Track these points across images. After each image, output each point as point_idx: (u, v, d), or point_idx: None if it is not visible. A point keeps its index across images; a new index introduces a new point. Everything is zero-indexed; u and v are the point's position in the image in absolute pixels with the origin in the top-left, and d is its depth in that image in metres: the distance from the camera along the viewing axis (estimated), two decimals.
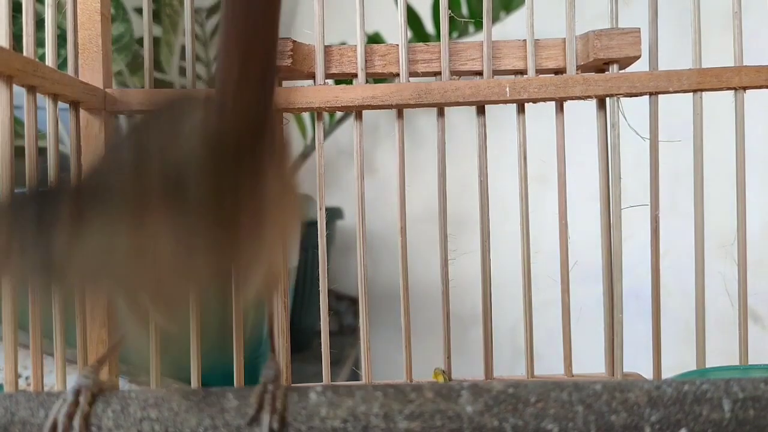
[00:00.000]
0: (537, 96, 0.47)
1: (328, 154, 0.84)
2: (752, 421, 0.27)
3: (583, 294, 0.61)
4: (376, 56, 0.49)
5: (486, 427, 0.27)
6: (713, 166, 0.52)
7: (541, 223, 0.52)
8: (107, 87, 0.47)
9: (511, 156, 0.51)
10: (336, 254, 0.95)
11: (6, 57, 0.36)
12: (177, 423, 0.28)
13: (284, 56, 0.47)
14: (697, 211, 0.47)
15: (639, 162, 0.51)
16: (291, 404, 0.28)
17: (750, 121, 0.47)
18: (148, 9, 0.48)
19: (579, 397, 0.27)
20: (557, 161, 0.49)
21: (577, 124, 0.54)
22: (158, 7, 0.81)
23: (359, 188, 0.49)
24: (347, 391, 0.28)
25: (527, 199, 0.49)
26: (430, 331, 0.61)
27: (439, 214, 0.49)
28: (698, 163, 0.47)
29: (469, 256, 0.50)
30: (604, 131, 0.49)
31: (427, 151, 0.93)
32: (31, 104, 0.39)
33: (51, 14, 0.42)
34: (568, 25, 0.48)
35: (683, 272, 0.52)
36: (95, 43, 0.46)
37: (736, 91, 0.47)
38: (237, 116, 0.19)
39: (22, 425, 0.28)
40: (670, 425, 0.27)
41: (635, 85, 0.46)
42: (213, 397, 0.28)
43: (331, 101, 0.47)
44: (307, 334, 0.86)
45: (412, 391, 0.28)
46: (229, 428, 0.27)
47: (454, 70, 0.49)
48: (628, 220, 0.48)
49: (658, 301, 0.47)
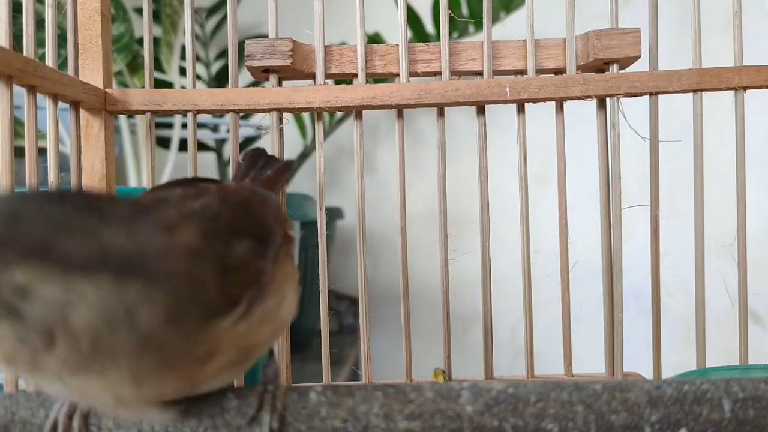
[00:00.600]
0: (537, 96, 0.47)
1: (328, 154, 0.85)
2: (752, 421, 0.27)
3: (583, 294, 0.61)
4: (376, 56, 0.49)
5: (486, 427, 0.27)
6: (713, 166, 0.52)
7: (541, 223, 0.52)
8: (107, 87, 0.47)
9: (511, 156, 0.51)
10: (336, 254, 0.95)
11: (6, 57, 0.36)
12: (177, 423, 0.28)
13: (284, 56, 0.47)
14: (697, 211, 0.47)
15: (639, 162, 0.51)
16: (291, 404, 0.28)
17: (750, 121, 0.47)
18: (148, 9, 0.48)
19: (579, 397, 0.27)
20: (557, 161, 0.49)
21: (577, 124, 0.54)
22: (158, 7, 0.81)
23: (359, 188, 0.48)
24: (347, 391, 0.28)
25: (527, 199, 0.49)
26: (430, 331, 0.61)
27: (440, 214, 0.49)
28: (698, 163, 0.47)
29: (469, 256, 0.50)
30: (604, 131, 0.49)
31: (427, 151, 0.93)
32: (31, 104, 0.39)
33: (51, 14, 0.42)
34: (568, 25, 0.48)
35: (683, 272, 0.52)
36: (95, 43, 0.46)
37: (736, 91, 0.47)
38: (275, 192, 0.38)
39: (22, 425, 0.28)
40: (670, 425, 0.27)
41: (635, 85, 0.46)
42: (213, 397, 0.28)
43: (331, 101, 0.47)
44: (307, 334, 0.86)
45: (412, 391, 0.28)
46: (229, 428, 0.27)
47: (454, 70, 0.49)
48: (628, 220, 0.48)
49: (658, 301, 0.47)
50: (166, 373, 0.23)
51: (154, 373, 0.23)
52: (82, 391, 0.23)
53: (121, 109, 0.47)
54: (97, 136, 0.46)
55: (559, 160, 0.49)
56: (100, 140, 0.46)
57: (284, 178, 0.42)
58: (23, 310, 0.21)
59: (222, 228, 0.26)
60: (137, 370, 0.23)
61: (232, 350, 0.25)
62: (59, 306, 0.21)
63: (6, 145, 0.37)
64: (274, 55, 0.47)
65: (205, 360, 0.24)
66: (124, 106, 0.47)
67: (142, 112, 0.48)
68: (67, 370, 0.22)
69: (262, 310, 0.26)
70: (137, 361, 0.22)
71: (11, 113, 0.37)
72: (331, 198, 0.94)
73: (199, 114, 0.48)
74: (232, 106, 0.47)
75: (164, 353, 0.23)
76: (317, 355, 0.49)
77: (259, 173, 0.41)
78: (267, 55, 0.47)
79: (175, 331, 0.23)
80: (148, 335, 0.22)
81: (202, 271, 0.24)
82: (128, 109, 0.47)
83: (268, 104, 0.47)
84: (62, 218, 0.22)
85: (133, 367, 0.22)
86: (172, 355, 0.23)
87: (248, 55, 0.48)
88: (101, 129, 0.46)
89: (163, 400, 0.26)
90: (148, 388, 0.23)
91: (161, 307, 0.22)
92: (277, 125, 0.48)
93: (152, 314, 0.22)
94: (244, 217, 0.29)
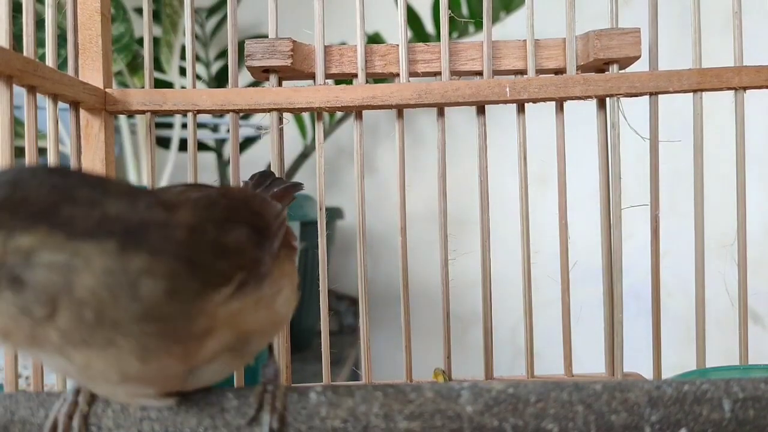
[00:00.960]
0: (537, 96, 0.47)
1: (328, 154, 0.85)
2: (752, 421, 0.27)
3: (583, 294, 0.61)
4: (376, 56, 0.49)
5: (486, 427, 0.27)
6: (713, 166, 0.52)
7: (541, 223, 0.52)
8: (107, 87, 0.47)
9: (511, 156, 0.51)
10: (336, 254, 0.95)
11: (6, 57, 0.36)
12: (177, 423, 0.28)
13: (284, 56, 0.47)
14: (697, 211, 0.47)
15: (639, 162, 0.51)
16: (291, 404, 0.28)
17: (750, 121, 0.47)
18: (148, 9, 0.48)
19: (579, 397, 0.27)
20: (557, 161, 0.49)
21: (577, 124, 0.54)
22: (158, 7, 0.81)
23: (359, 188, 0.48)
24: (347, 391, 0.28)
25: (527, 199, 0.49)
26: (430, 331, 0.61)
27: (440, 214, 0.49)
28: (698, 163, 0.47)
29: (469, 256, 0.50)
30: (604, 131, 0.49)
31: (427, 151, 0.93)
32: (31, 104, 0.39)
33: (51, 14, 0.42)
34: (568, 25, 0.48)
35: (683, 272, 0.52)
36: (95, 43, 0.46)
37: (736, 91, 0.47)
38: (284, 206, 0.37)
39: (22, 425, 0.28)
40: (670, 425, 0.27)
41: (635, 85, 0.46)
42: (213, 397, 0.28)
43: (331, 101, 0.47)
44: (307, 334, 0.86)
45: (412, 391, 0.28)
46: (229, 428, 0.27)
47: (454, 70, 0.49)
48: (628, 220, 0.48)
49: (658, 301, 0.47)
50: (168, 346, 0.23)
51: (157, 347, 0.23)
52: (86, 366, 0.23)
53: (121, 109, 0.47)
54: (97, 136, 0.46)
55: (559, 160, 0.49)
56: (100, 140, 0.46)
57: (290, 196, 0.42)
58: (26, 277, 0.21)
59: (218, 213, 0.27)
60: (141, 343, 0.23)
61: (227, 331, 0.25)
62: (64, 272, 0.21)
63: (6, 145, 0.37)
64: (274, 55, 0.47)
65: (203, 337, 0.24)
66: (124, 106, 0.47)
67: (142, 112, 0.48)
68: (70, 344, 0.22)
69: (258, 297, 0.26)
70: (140, 332, 0.22)
71: (11, 113, 0.37)
72: (331, 198, 0.94)
73: (199, 114, 0.48)
74: (232, 106, 0.47)
75: (165, 325, 0.23)
76: (317, 355, 0.49)
77: (265, 190, 0.41)
78: (267, 55, 0.47)
79: (174, 303, 0.23)
80: (150, 306, 0.22)
81: (198, 247, 0.24)
82: (128, 109, 0.47)
83: (268, 104, 0.47)
84: (66, 188, 0.22)
85: (137, 338, 0.23)
86: (173, 328, 0.23)
87: (248, 55, 0.48)
88: (101, 129, 0.46)
89: (164, 390, 0.26)
90: (151, 364, 0.23)
91: (162, 278, 0.22)
92: (277, 125, 0.48)
93: (154, 285, 0.22)
94: (242, 208, 0.29)
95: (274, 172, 0.46)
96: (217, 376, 0.27)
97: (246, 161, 0.81)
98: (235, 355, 0.27)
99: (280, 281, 0.29)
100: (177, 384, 0.26)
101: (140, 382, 0.25)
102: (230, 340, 0.26)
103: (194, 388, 0.27)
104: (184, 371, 0.25)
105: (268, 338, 0.30)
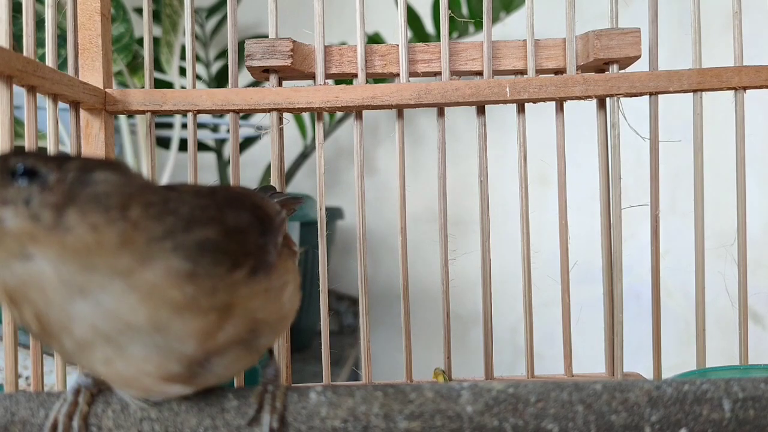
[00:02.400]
0: (537, 96, 0.47)
1: (328, 154, 0.85)
2: (752, 421, 0.27)
3: (583, 294, 0.61)
4: (376, 56, 0.49)
5: (486, 427, 0.27)
6: (713, 166, 0.52)
7: (541, 223, 0.53)
8: (107, 87, 0.47)
9: (511, 156, 0.51)
10: (336, 254, 0.95)
11: (6, 57, 0.36)
12: (177, 423, 0.28)
13: (284, 56, 0.47)
14: (697, 211, 0.47)
15: (639, 162, 0.51)
16: (291, 404, 0.28)
17: (750, 121, 0.47)
18: (148, 9, 0.48)
19: (579, 397, 0.27)
20: (557, 161, 0.49)
21: (577, 124, 0.54)
22: (158, 7, 0.81)
23: (359, 188, 0.49)
24: (347, 391, 0.28)
25: (527, 199, 0.49)
26: (430, 331, 0.61)
27: (440, 214, 0.49)
28: (698, 163, 0.47)
29: (470, 256, 0.50)
30: (604, 131, 0.49)
31: (427, 151, 0.93)
32: (31, 104, 0.39)
33: (51, 14, 0.42)
34: (568, 25, 0.48)
35: (683, 272, 0.52)
36: (95, 43, 0.46)
37: (736, 91, 0.47)
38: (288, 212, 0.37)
39: (22, 425, 0.28)
40: (670, 425, 0.27)
41: (635, 85, 0.46)
42: (213, 397, 0.28)
43: (331, 101, 0.47)
44: (307, 334, 0.86)
45: (412, 391, 0.28)
46: (229, 428, 0.27)
47: (454, 70, 0.49)
48: (628, 220, 0.48)
49: (658, 301, 0.47)
50: (192, 316, 0.24)
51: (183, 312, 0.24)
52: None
53: (121, 109, 0.47)
54: (97, 136, 0.46)
55: (560, 160, 0.49)
56: (100, 140, 0.46)
57: (290, 208, 0.42)
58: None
59: (219, 199, 0.27)
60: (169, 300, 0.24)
61: (241, 319, 0.26)
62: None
63: (6, 145, 0.37)
64: (274, 55, 0.47)
65: (221, 316, 0.25)
66: (124, 106, 0.47)
67: (142, 112, 0.48)
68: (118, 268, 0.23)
69: (267, 286, 0.27)
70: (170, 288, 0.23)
71: (11, 113, 0.37)
72: (331, 198, 0.95)
73: (199, 114, 0.48)
74: (232, 106, 0.47)
75: (192, 287, 0.24)
76: (317, 355, 0.49)
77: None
78: (267, 55, 0.47)
79: (197, 277, 0.24)
80: (179, 267, 0.24)
81: (207, 226, 0.25)
82: (128, 109, 0.47)
83: (268, 104, 0.48)
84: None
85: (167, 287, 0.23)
86: (197, 294, 0.24)
87: (248, 55, 0.48)
88: (101, 129, 0.46)
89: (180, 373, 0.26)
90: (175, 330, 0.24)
91: (185, 250, 0.24)
92: (277, 125, 0.48)
93: (181, 255, 0.24)
94: (242, 198, 0.30)
95: (274, 186, 0.46)
96: (227, 372, 0.27)
97: (246, 161, 0.81)
98: (246, 350, 0.27)
99: (285, 276, 0.29)
100: (192, 371, 0.26)
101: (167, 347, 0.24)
102: (243, 330, 0.26)
103: (205, 386, 0.27)
104: (200, 358, 0.25)
105: (276, 334, 0.30)
